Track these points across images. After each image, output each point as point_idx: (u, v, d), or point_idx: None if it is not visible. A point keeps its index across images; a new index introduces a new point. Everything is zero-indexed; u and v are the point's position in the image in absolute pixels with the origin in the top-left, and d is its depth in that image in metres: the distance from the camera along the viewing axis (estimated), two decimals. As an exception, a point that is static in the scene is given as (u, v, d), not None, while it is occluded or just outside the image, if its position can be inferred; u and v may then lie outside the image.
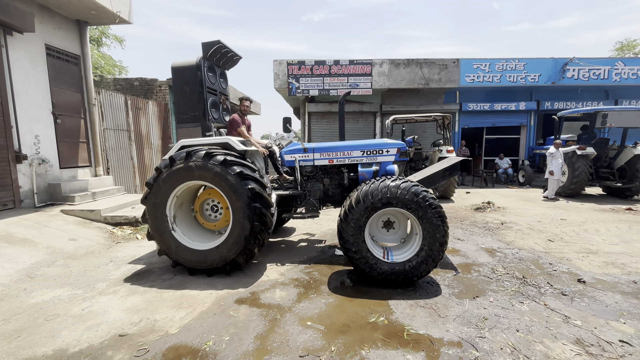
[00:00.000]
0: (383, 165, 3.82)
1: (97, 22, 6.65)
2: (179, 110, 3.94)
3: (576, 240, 4.60)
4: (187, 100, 3.85)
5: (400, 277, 2.98)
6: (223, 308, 2.72)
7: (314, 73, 11.04)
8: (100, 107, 7.00)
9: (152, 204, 3.35)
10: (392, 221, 3.25)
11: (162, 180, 3.30)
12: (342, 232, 3.04)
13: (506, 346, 2.15)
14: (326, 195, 4.09)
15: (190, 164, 3.22)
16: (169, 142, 9.57)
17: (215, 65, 4.13)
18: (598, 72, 11.11)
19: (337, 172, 4.08)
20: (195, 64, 3.75)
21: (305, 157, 3.92)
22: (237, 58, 4.38)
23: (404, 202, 2.86)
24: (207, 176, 3.21)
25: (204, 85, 3.78)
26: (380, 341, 2.23)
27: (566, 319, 2.48)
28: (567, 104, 11.70)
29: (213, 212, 3.70)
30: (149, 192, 3.37)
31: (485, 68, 11.13)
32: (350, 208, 3.01)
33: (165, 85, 9.47)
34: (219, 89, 4.27)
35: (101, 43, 14.87)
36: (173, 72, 3.85)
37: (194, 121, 3.91)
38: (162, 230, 3.36)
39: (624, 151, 8.05)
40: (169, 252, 3.39)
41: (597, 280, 3.21)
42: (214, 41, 3.79)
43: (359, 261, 3.03)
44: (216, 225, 3.67)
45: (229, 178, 3.16)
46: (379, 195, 2.91)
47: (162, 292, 3.03)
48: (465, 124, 12.31)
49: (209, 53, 3.82)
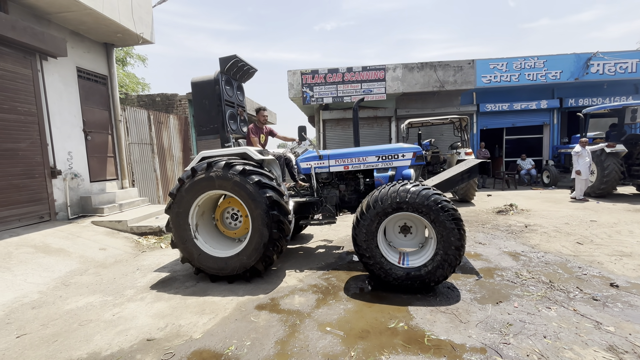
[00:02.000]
0: (399, 170, 3.80)
1: (122, 44, 7.09)
2: (199, 123, 4.10)
3: (608, 242, 4.36)
4: (207, 114, 4.01)
5: (416, 282, 2.93)
6: (244, 314, 2.78)
7: (328, 81, 11.17)
8: (126, 122, 7.40)
9: (176, 213, 3.50)
10: (409, 226, 3.22)
11: (185, 191, 3.45)
12: (356, 238, 3.06)
13: (533, 353, 2.07)
14: (342, 201, 4.11)
15: (211, 174, 3.34)
16: (189, 154, 9.92)
17: (232, 78, 4.29)
18: (625, 65, 10.60)
19: (352, 178, 4.10)
20: (214, 79, 3.91)
21: (320, 164, 3.97)
22: (253, 71, 4.54)
23: (414, 206, 2.83)
24: (227, 185, 3.32)
25: (222, 98, 3.93)
26: (400, 347, 2.21)
27: (598, 325, 2.36)
28: (592, 100, 11.20)
29: (233, 220, 3.81)
30: (172, 202, 3.52)
31: (502, 68, 10.88)
32: (361, 214, 3.02)
33: (185, 100, 9.87)
34: (237, 101, 4.42)
35: (126, 63, 15.75)
36: (193, 87, 4.03)
37: (213, 133, 4.06)
38: (185, 238, 3.49)
39: (658, 147, 7.59)
40: (192, 259, 3.51)
41: (631, 285, 3.03)
42: (231, 56, 3.95)
43: (374, 266, 3.02)
44: (236, 233, 3.77)
45: (247, 187, 3.26)
46: (388, 200, 2.89)
47: (186, 299, 3.14)
48: (483, 125, 12.03)
49: (226, 67, 3.97)
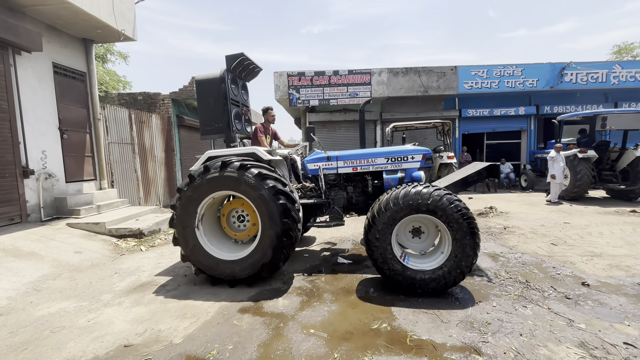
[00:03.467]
0: (408, 172, 3.77)
1: (102, 40, 6.87)
2: (203, 122, 3.95)
3: (580, 243, 4.57)
4: (211, 112, 3.87)
5: (430, 285, 2.89)
6: (226, 317, 2.73)
7: (314, 83, 11.22)
8: (105, 121, 7.16)
9: (182, 208, 3.38)
10: (420, 228, 3.18)
11: (194, 188, 3.32)
12: (370, 242, 2.98)
13: (509, 350, 2.14)
14: (350, 203, 4.04)
15: (226, 174, 3.23)
16: (172, 154, 9.70)
17: (238, 77, 4.18)
18: (596, 75, 11.19)
19: (360, 180, 4.04)
20: (219, 77, 3.77)
21: (328, 165, 3.89)
22: (258, 70, 4.43)
23: (430, 207, 2.80)
24: (240, 187, 3.22)
25: (227, 97, 3.80)
26: (383, 347, 2.23)
27: (570, 323, 2.47)
28: (566, 108, 11.75)
29: (239, 222, 3.68)
30: (179, 197, 3.38)
31: (483, 75, 11.25)
32: (375, 216, 2.95)
33: (168, 99, 9.66)
34: (241, 100, 4.30)
35: (106, 60, 15.25)
36: (197, 85, 3.88)
37: (218, 132, 3.93)
38: (189, 241, 3.37)
39: (626, 153, 8.04)
40: (196, 263, 3.39)
41: (601, 283, 3.19)
42: (238, 54, 3.84)
43: (387, 270, 2.97)
44: (236, 235, 3.66)
45: (262, 192, 3.16)
46: (403, 202, 2.84)
47: (166, 303, 3.05)
48: (465, 130, 12.38)
49: (232, 65, 3.86)
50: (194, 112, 11.08)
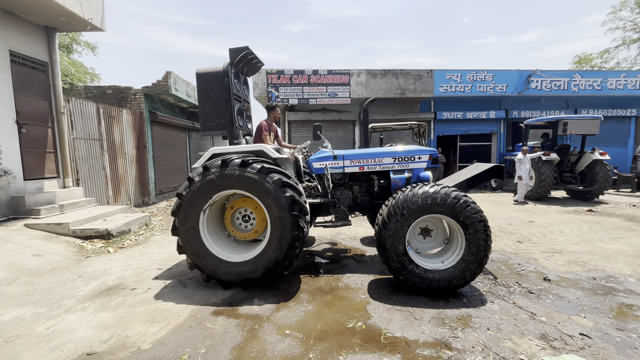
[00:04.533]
0: (415, 172, 3.77)
1: (67, 28, 6.44)
2: (204, 118, 3.77)
3: (543, 241, 4.86)
4: (213, 107, 3.69)
5: (442, 284, 2.91)
6: (199, 320, 2.65)
7: (294, 82, 11.15)
8: (70, 115, 6.73)
9: (185, 213, 3.19)
10: (430, 229, 3.20)
11: (196, 190, 3.16)
12: (384, 242, 2.94)
13: (477, 344, 2.23)
14: (355, 203, 4.00)
15: (227, 172, 3.10)
16: (144, 152, 9.30)
17: (240, 71, 4.04)
18: (558, 83, 11.93)
19: (366, 180, 4.01)
20: (222, 70, 3.62)
21: (335, 164, 3.83)
22: (260, 65, 4.30)
23: (445, 208, 2.81)
24: (245, 185, 3.10)
25: (231, 92, 3.65)
26: (358, 346, 2.26)
27: (533, 316, 2.61)
28: (532, 113, 12.43)
29: (244, 222, 3.52)
30: (180, 203, 3.20)
31: (457, 79, 11.67)
32: (389, 216, 2.91)
33: (141, 94, 9.24)
34: (243, 96, 4.15)
35: (72, 50, 14.34)
36: (198, 79, 3.70)
37: (220, 129, 3.77)
38: (203, 254, 3.21)
39: (584, 157, 8.65)
40: (216, 273, 3.21)
41: (560, 278, 3.40)
42: (242, 47, 3.71)
43: (401, 271, 2.95)
44: (246, 237, 3.51)
45: (267, 185, 3.05)
46: (418, 201, 2.83)
47: (135, 307, 2.91)
48: (440, 132, 12.79)
49: (235, 59, 3.71)
50: (168, 108, 10.68)
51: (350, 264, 4.00)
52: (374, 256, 4.26)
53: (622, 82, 12.09)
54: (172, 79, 9.25)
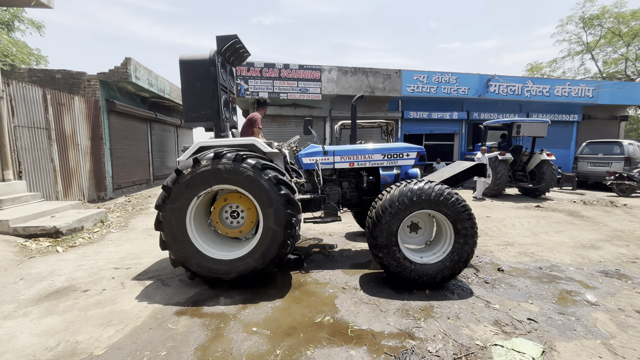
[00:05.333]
0: (403, 169, 3.83)
1: (6, 3, 5.75)
2: (188, 108, 3.54)
3: (497, 234, 5.22)
4: (198, 98, 3.49)
5: (434, 277, 2.98)
6: (160, 321, 2.52)
7: (264, 75, 10.91)
8: (11, 100, 6.03)
9: (170, 210, 2.98)
10: (418, 224, 3.26)
11: (199, 174, 2.95)
12: (376, 238, 2.96)
13: (438, 333, 2.35)
14: (344, 199, 4.00)
15: (219, 166, 2.91)
16: (100, 143, 8.62)
17: (226, 61, 3.85)
18: (514, 88, 12.85)
19: (355, 176, 4.01)
20: (209, 59, 3.42)
21: (325, 159, 3.81)
22: (247, 55, 4.13)
23: (437, 204, 2.89)
24: (239, 180, 2.95)
25: (218, 82, 3.47)
26: (326, 340, 2.28)
27: (487, 304, 2.80)
28: (490, 115, 13.28)
29: (233, 218, 3.35)
30: (166, 196, 2.98)
31: (423, 80, 12.12)
32: (383, 211, 2.93)
33: (96, 80, 8.52)
34: (229, 86, 3.97)
35: (13, 27, 12.86)
36: (181, 66, 3.47)
37: (205, 120, 3.56)
38: (181, 239, 3.00)
39: (533, 157, 9.41)
40: (189, 263, 3.03)
41: (512, 268, 3.68)
42: (231, 35, 3.53)
43: (394, 266, 2.98)
44: (242, 231, 3.34)
45: (262, 183, 2.93)
46: (413, 197, 2.88)
47: (87, 310, 2.70)
48: (407, 131, 13.23)
49: (223, 48, 3.52)
50: (127, 97, 9.98)
51: (319, 259, 4.03)
52: (343, 251, 4.32)
53: (567, 90, 13.30)
54: (133, 66, 8.64)
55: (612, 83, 14.77)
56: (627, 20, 20.99)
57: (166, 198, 2.95)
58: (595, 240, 4.84)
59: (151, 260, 3.99)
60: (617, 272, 3.59)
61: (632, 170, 9.71)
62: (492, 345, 2.19)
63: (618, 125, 15.19)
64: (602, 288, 3.16)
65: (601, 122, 14.95)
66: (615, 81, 17.85)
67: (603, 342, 2.25)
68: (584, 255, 4.13)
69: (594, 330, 2.41)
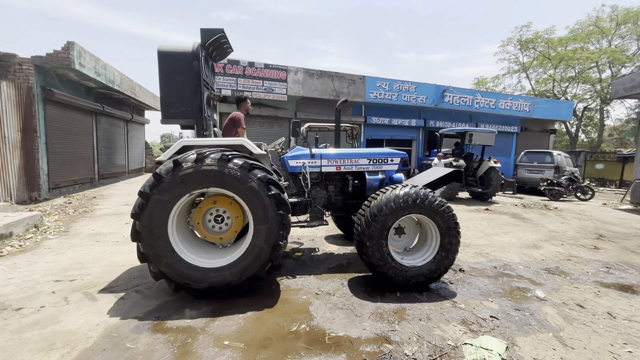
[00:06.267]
0: (388, 174, 3.90)
1: None
2: (167, 104, 3.24)
3: (455, 236, 5.57)
4: (178, 93, 3.21)
5: (420, 279, 3.07)
6: (116, 340, 2.24)
7: (227, 72, 10.49)
8: None
9: (157, 200, 2.66)
10: (403, 228, 3.35)
11: (199, 172, 2.69)
12: (364, 242, 3.00)
13: (413, 335, 2.41)
14: (329, 203, 3.98)
15: (225, 170, 2.70)
16: (34, 136, 7.56)
17: (209, 56, 3.60)
18: (465, 99, 13.92)
19: (340, 179, 4.00)
20: (192, 52, 3.16)
21: (312, 163, 3.75)
22: (230, 51, 3.89)
23: (425, 208, 2.99)
24: (240, 189, 2.76)
25: (201, 77, 3.21)
26: (303, 349, 2.20)
27: (454, 304, 2.95)
28: (445, 124, 14.24)
29: (217, 224, 3.10)
30: (155, 185, 2.65)
31: (385, 87, 12.60)
32: (373, 216, 2.98)
33: (30, 64, 7.46)
34: (210, 83, 3.71)
35: None
36: (160, 58, 3.16)
37: (186, 117, 3.27)
38: (158, 235, 2.68)
39: (483, 164, 10.26)
40: (157, 262, 2.72)
41: (471, 269, 3.94)
42: (217, 29, 3.31)
43: (383, 268, 3.01)
44: (222, 238, 3.10)
45: (252, 184, 2.76)
46: (400, 202, 2.96)
47: (22, 333, 2.31)
48: (369, 136, 13.64)
49: (207, 42, 3.30)
50: (69, 86, 8.91)
51: (289, 264, 3.93)
52: (313, 255, 4.27)
53: (509, 104, 14.77)
54: (76, 52, 7.73)
55: (545, 100, 16.76)
56: (555, 45, 24.02)
57: (155, 187, 2.68)
58: (536, 240, 5.39)
59: (101, 269, 3.56)
60: (557, 269, 4.02)
61: (560, 177, 11.06)
62: (463, 344, 2.30)
63: (548, 137, 17.25)
64: (547, 284, 3.51)
65: (535, 134, 16.86)
66: (547, 99, 20.27)
67: (554, 335, 2.49)
68: (529, 254, 4.57)
69: (545, 324, 2.65)
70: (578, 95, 25.21)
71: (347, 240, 5.00)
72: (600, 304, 3.05)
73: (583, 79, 23.78)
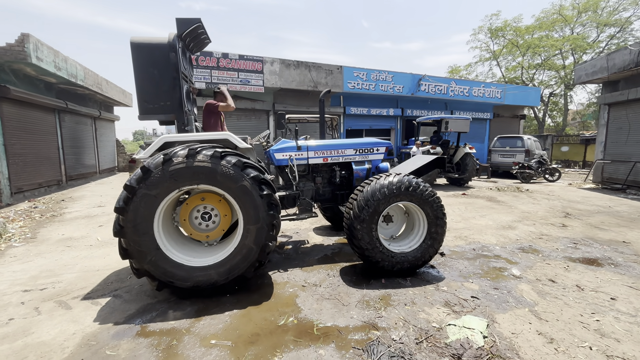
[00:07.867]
0: (374, 163, 3.92)
1: None
2: (144, 99, 3.07)
3: (435, 221, 5.73)
4: (156, 87, 3.06)
5: (409, 265, 3.16)
6: (95, 349, 2.14)
7: (200, 64, 10.10)
8: None
9: (144, 195, 2.53)
10: (391, 215, 3.40)
11: (170, 173, 2.56)
12: (354, 230, 3.04)
13: (399, 320, 2.46)
14: (317, 194, 3.96)
15: (218, 167, 2.61)
16: (-12, 137, 6.97)
17: (186, 47, 3.42)
18: (440, 88, 14.21)
19: (327, 171, 3.99)
20: (168, 43, 2.99)
21: (299, 155, 3.70)
22: (208, 42, 3.72)
23: (414, 196, 3.07)
24: (231, 187, 2.68)
25: (179, 69, 3.05)
26: (292, 342, 2.20)
27: (437, 287, 3.04)
28: (422, 112, 14.49)
29: (204, 221, 2.98)
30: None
31: (363, 77, 12.60)
32: (366, 202, 3.01)
33: (-22, 59, 6.82)
34: (189, 75, 3.55)
35: None
36: (134, 50, 2.96)
37: (165, 112, 3.12)
38: (144, 231, 2.56)
39: (459, 150, 10.57)
40: (141, 260, 2.63)
41: (452, 252, 4.07)
42: (194, 19, 3.15)
43: (373, 256, 3.07)
44: (209, 236, 3.01)
45: (244, 183, 2.68)
46: (393, 189, 3.02)
47: (-11, 348, 2.16)
48: (349, 126, 13.67)
49: (184, 32, 3.14)
50: (26, 82, 8.26)
51: (275, 258, 3.90)
52: (298, 248, 4.26)
53: (482, 91, 15.22)
54: (33, 45, 7.15)
55: (515, 87, 17.38)
56: (523, 33, 24.89)
57: (142, 181, 2.54)
58: (511, 221, 5.65)
59: (74, 275, 3.38)
60: (530, 247, 4.24)
61: (530, 161, 11.61)
62: (447, 325, 2.38)
63: (518, 122, 18.01)
64: (522, 262, 3.70)
65: (506, 119, 17.55)
66: (516, 85, 21.05)
67: (530, 310, 2.63)
68: (505, 235, 4.79)
69: (521, 300, 2.80)
70: (544, 81, 26.40)
71: (333, 231, 5.03)
72: (569, 278, 3.25)
73: (548, 65, 24.88)
